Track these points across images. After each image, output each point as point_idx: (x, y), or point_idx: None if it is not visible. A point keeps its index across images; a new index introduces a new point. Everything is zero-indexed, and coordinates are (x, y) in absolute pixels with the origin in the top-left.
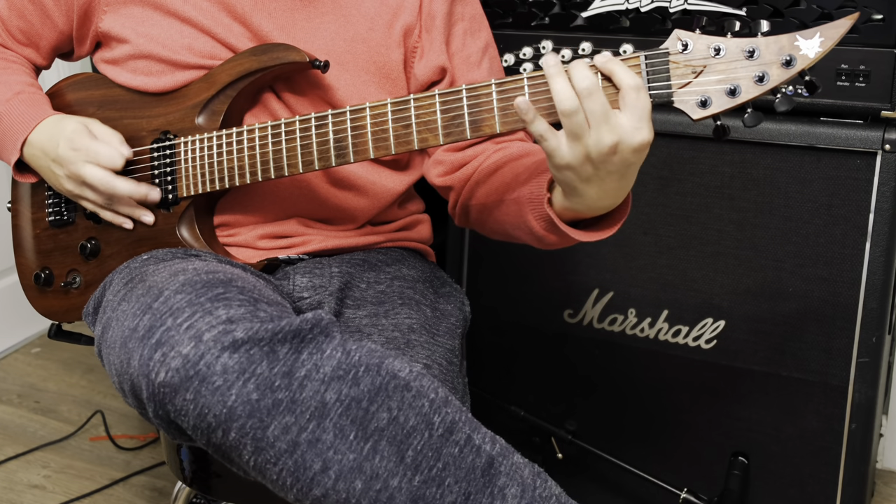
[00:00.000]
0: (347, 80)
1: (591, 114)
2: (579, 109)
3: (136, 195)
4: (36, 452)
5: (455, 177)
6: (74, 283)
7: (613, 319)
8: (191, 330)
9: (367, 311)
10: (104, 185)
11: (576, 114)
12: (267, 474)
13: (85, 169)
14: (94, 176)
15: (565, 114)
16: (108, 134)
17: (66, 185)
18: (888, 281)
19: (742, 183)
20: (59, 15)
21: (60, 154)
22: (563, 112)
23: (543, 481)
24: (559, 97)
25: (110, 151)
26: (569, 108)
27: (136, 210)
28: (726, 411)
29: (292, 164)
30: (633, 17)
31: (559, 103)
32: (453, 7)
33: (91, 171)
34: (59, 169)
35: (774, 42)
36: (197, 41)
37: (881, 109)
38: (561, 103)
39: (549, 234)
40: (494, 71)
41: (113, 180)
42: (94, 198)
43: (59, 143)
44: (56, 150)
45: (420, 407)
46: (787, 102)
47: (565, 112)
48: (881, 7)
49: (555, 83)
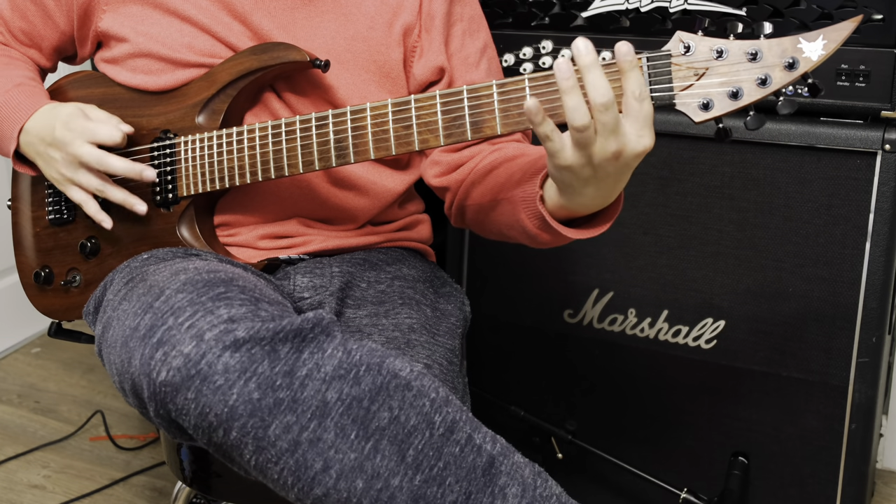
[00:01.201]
0: (348, 79)
1: (603, 125)
2: (592, 124)
3: (131, 173)
4: (36, 452)
5: (451, 177)
6: (74, 282)
7: (613, 319)
8: (192, 329)
9: (367, 311)
10: (99, 162)
11: (588, 128)
12: (268, 474)
13: (82, 148)
14: (89, 154)
15: (578, 129)
16: (104, 115)
17: (61, 169)
18: (888, 281)
19: (742, 183)
20: (60, 15)
21: (57, 136)
22: (576, 127)
23: (544, 481)
24: (573, 114)
25: (109, 128)
26: (582, 125)
27: (129, 197)
28: (726, 411)
29: (292, 164)
30: (633, 17)
31: (572, 120)
32: (452, 7)
33: (87, 150)
34: (55, 152)
35: (777, 44)
36: (197, 40)
37: (881, 109)
38: (574, 120)
39: (541, 233)
40: (493, 71)
41: (108, 157)
42: (89, 180)
43: (56, 127)
44: (52, 134)
45: (421, 406)
46: (789, 106)
47: (578, 127)
48: (881, 7)
49: (569, 98)
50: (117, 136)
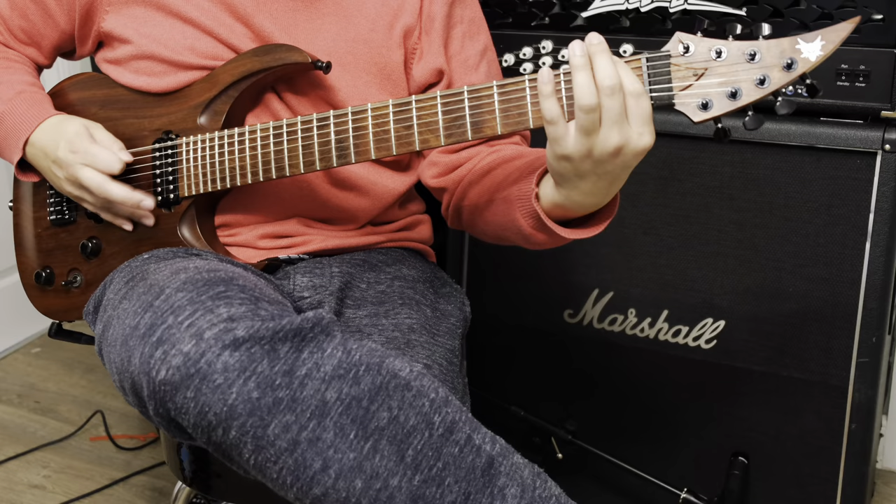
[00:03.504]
0: (349, 81)
1: (608, 111)
2: (598, 106)
3: (129, 202)
4: (36, 452)
5: (449, 178)
6: (75, 283)
7: (613, 319)
8: (192, 328)
9: (367, 311)
10: (99, 189)
11: (594, 110)
12: (267, 473)
13: (82, 172)
14: (90, 180)
15: (584, 109)
16: (108, 139)
17: (66, 187)
18: (888, 281)
19: (742, 183)
20: (60, 14)
21: (60, 156)
22: (582, 107)
23: (543, 482)
24: (581, 91)
25: (108, 156)
26: (589, 104)
27: (135, 212)
28: (726, 411)
29: (293, 164)
30: (633, 17)
31: (580, 98)
32: (452, 10)
33: (88, 175)
34: (58, 171)
35: (776, 45)
36: (199, 42)
37: (881, 109)
38: (581, 98)
39: (536, 233)
40: (492, 74)
41: (107, 186)
42: (93, 201)
43: (60, 145)
44: (56, 152)
45: (420, 406)
46: (788, 106)
47: (584, 108)
48: (881, 7)
49: (580, 76)
50: (115, 167)
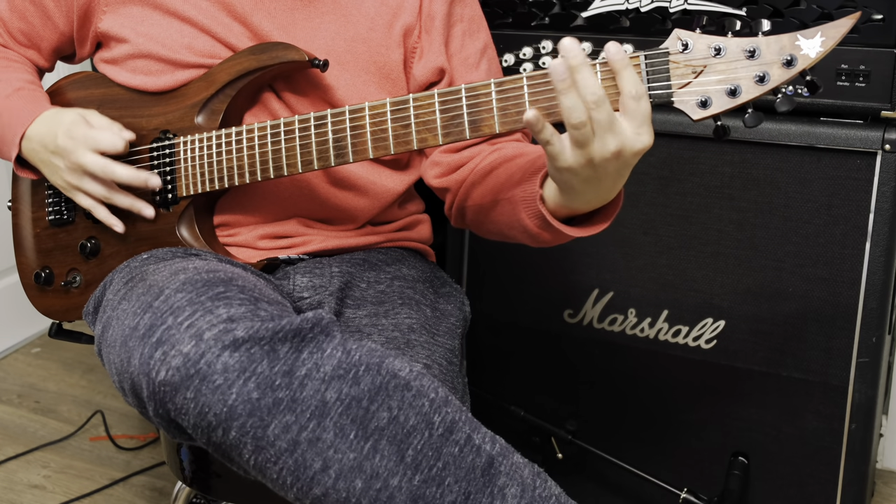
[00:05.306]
0: (347, 80)
1: (598, 123)
2: (588, 122)
3: (135, 181)
4: (36, 452)
5: (451, 178)
6: (75, 283)
7: (613, 319)
8: (191, 329)
9: (367, 311)
10: (104, 171)
11: (584, 125)
12: (267, 473)
13: (85, 157)
14: (94, 163)
15: (574, 126)
16: (105, 121)
17: (66, 176)
18: (888, 281)
19: (742, 183)
20: (59, 16)
21: (59, 145)
22: (573, 125)
23: (543, 481)
24: (569, 112)
25: (110, 136)
26: (579, 121)
27: (135, 202)
28: (726, 411)
29: (291, 163)
30: (633, 17)
31: (569, 118)
32: (452, 8)
33: (91, 159)
34: (59, 160)
35: (775, 42)
36: (196, 40)
37: (881, 109)
38: (571, 118)
39: (542, 232)
40: (493, 72)
41: (112, 167)
42: (94, 188)
43: (58, 134)
44: (55, 142)
45: (420, 406)
46: (787, 103)
47: (574, 125)
48: (881, 7)
49: (565, 98)
50: (119, 145)
